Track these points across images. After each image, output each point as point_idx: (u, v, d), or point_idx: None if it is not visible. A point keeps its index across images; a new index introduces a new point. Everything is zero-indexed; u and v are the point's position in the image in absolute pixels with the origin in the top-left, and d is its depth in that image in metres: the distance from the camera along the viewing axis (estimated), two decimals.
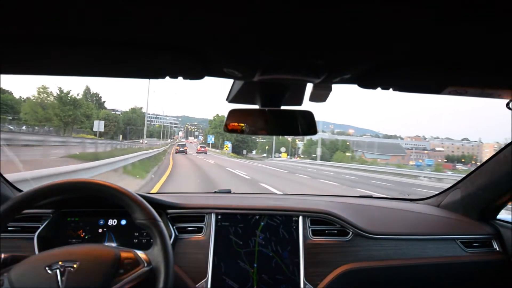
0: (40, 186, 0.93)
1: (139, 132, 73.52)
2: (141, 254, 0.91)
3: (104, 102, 60.41)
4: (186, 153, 33.31)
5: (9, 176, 1.37)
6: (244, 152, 52.89)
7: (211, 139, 58.76)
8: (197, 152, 38.54)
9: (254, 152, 60.48)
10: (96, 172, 7.18)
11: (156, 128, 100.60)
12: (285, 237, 1.35)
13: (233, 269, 1.30)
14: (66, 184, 0.95)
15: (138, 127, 69.84)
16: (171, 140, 74.23)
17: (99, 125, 25.48)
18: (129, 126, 67.60)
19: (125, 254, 0.89)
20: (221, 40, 0.59)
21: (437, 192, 1.74)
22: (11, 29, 0.56)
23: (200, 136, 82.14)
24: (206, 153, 39.77)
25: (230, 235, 1.34)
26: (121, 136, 54.57)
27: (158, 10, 0.48)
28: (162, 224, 0.94)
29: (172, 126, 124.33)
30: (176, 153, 32.15)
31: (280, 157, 50.37)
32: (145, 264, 0.89)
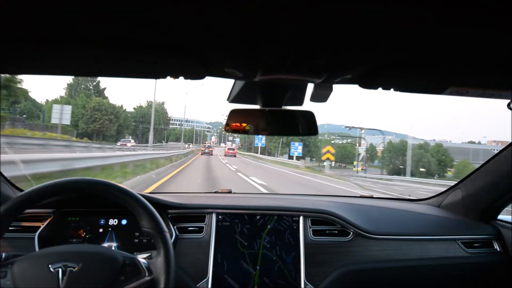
0: (42, 185, 0.92)
1: (158, 133, 60.70)
2: (143, 262, 0.90)
3: (104, 89, 47.59)
4: (212, 154, 34.80)
5: None
6: (307, 160, 37.51)
7: (260, 140, 41.39)
8: (225, 155, 34.98)
9: (315, 160, 45.53)
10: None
11: (186, 132, 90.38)
12: (290, 242, 1.35)
13: (235, 269, 1.30)
14: (71, 183, 0.95)
15: (156, 126, 54.28)
16: (189, 145, 62.63)
17: (61, 113, 15.19)
18: (143, 124, 54.73)
19: (127, 260, 0.89)
20: (222, 40, 0.60)
21: (439, 192, 1.74)
22: (12, 29, 0.56)
23: (237, 140, 70.73)
24: (235, 155, 35.96)
25: (236, 235, 1.34)
26: (130, 137, 43.67)
27: (159, 10, 0.48)
28: (168, 236, 0.93)
29: (204, 130, 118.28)
30: (201, 154, 34.14)
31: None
32: (146, 274, 0.88)
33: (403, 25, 0.51)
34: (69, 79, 45.62)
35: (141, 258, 0.94)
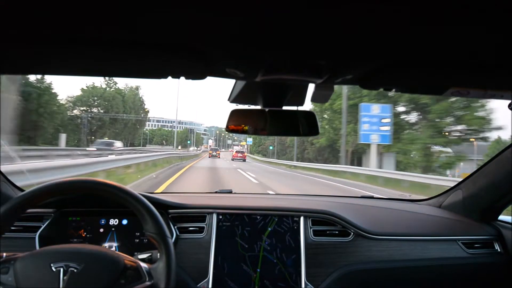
0: (46, 184, 0.92)
1: (128, 130, 40.87)
2: (144, 267, 0.91)
3: None
4: (219, 157, 34.44)
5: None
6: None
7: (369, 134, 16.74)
8: (232, 159, 30.56)
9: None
10: None
11: (179, 133, 74.59)
12: (291, 245, 1.35)
13: (236, 271, 1.30)
14: (75, 183, 0.95)
15: (118, 115, 37.03)
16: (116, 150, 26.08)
17: None
18: (92, 114, 35.70)
19: (129, 264, 0.89)
20: (223, 40, 0.59)
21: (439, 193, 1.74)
22: (12, 29, 0.55)
23: (250, 140, 56.36)
24: (244, 160, 31.19)
25: (236, 237, 1.34)
26: (63, 137, 25.97)
27: (160, 10, 0.48)
28: (171, 242, 0.93)
29: (200, 133, 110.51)
30: (209, 157, 33.76)
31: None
32: (147, 279, 0.88)
33: (404, 25, 0.51)
34: None
35: (142, 261, 0.94)
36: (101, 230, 1.31)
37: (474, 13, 0.46)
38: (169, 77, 0.73)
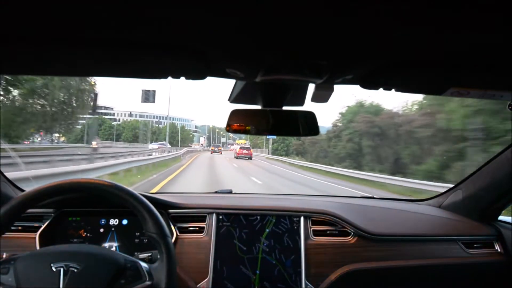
0: (47, 184, 0.92)
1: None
2: (144, 267, 0.91)
3: None
4: (221, 153, 35.97)
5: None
6: None
7: None
8: (236, 157, 27.07)
9: None
10: None
11: (163, 129, 66.56)
12: (289, 245, 1.35)
13: (235, 274, 1.30)
14: (75, 183, 0.95)
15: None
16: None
17: None
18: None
19: (129, 264, 0.89)
20: (223, 40, 0.60)
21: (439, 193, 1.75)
22: (12, 29, 0.55)
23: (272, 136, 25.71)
24: (250, 157, 27.56)
25: (234, 240, 1.34)
26: None
27: (160, 10, 0.48)
28: (171, 242, 0.93)
29: (188, 129, 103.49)
30: (211, 153, 35.58)
31: None
32: (147, 278, 0.88)
33: (404, 26, 0.51)
34: None
35: (143, 261, 0.94)
36: (101, 230, 1.31)
37: (474, 13, 0.46)
38: (169, 77, 0.73)
